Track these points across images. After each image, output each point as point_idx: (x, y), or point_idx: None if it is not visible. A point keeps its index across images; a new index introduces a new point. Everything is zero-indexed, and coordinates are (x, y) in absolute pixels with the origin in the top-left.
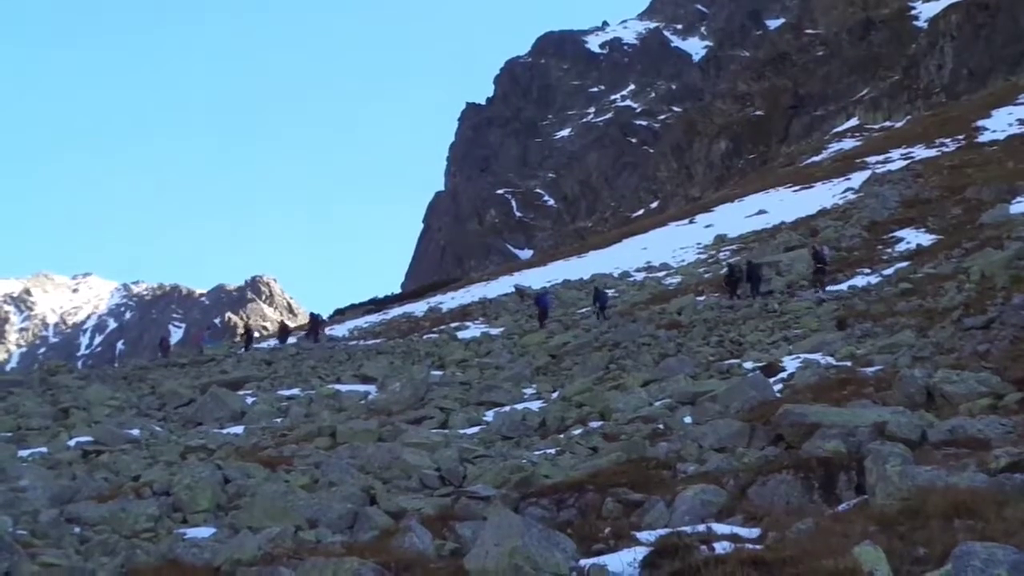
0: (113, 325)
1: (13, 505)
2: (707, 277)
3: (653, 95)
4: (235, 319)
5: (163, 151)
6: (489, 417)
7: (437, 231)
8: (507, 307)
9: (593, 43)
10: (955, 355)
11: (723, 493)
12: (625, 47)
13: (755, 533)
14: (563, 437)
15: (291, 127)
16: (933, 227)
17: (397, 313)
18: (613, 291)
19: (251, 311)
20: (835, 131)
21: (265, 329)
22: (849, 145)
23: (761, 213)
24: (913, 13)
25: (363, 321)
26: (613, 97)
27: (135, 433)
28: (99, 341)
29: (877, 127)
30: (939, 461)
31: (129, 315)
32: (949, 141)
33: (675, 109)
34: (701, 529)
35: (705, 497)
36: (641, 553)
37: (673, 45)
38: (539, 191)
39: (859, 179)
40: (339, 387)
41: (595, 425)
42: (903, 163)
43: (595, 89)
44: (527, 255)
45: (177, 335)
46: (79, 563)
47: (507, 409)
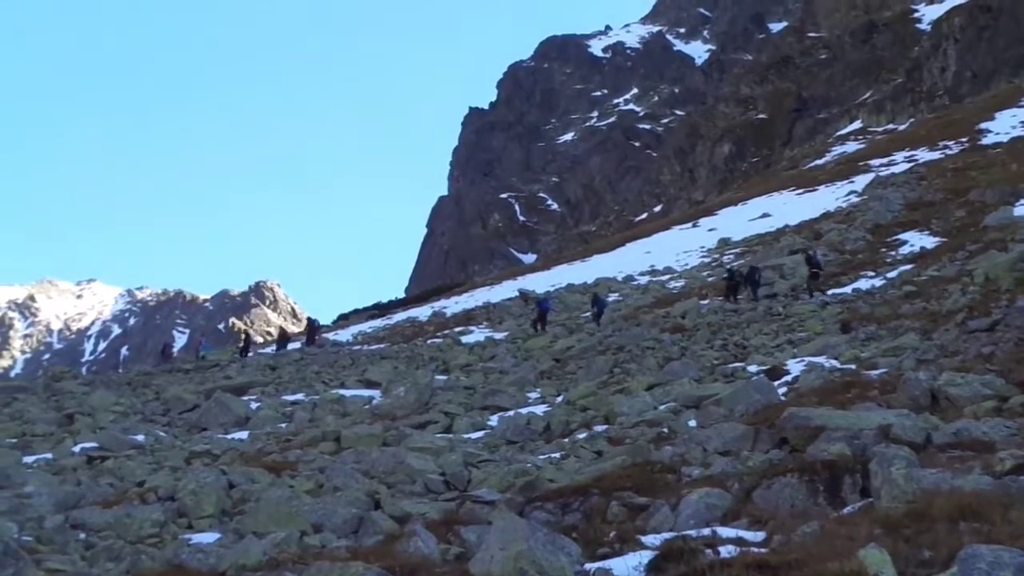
0: (117, 331)
1: (18, 511)
2: (711, 280)
3: (656, 99)
4: (239, 324)
5: (165, 153)
6: (493, 421)
7: (441, 235)
8: (511, 311)
9: (596, 47)
10: (959, 358)
11: (728, 496)
12: (628, 51)
13: (760, 536)
14: (567, 441)
15: (293, 129)
16: (937, 230)
17: (401, 318)
18: (617, 295)
19: (255, 316)
20: (838, 134)
21: (269, 335)
22: (852, 148)
23: (764, 216)
24: (916, 16)
25: (367, 326)
26: (616, 101)
27: (140, 439)
28: (103, 347)
29: (880, 130)
30: (944, 464)
31: (133, 321)
32: (952, 144)
33: (678, 113)
34: (706, 533)
35: (710, 501)
36: (646, 557)
37: (676, 49)
38: (542, 195)
39: (862, 182)
40: (343, 392)
41: (599, 429)
42: (907, 166)
43: (598, 93)
44: (531, 259)
45: (181, 340)
46: (84, 569)
47: (511, 413)
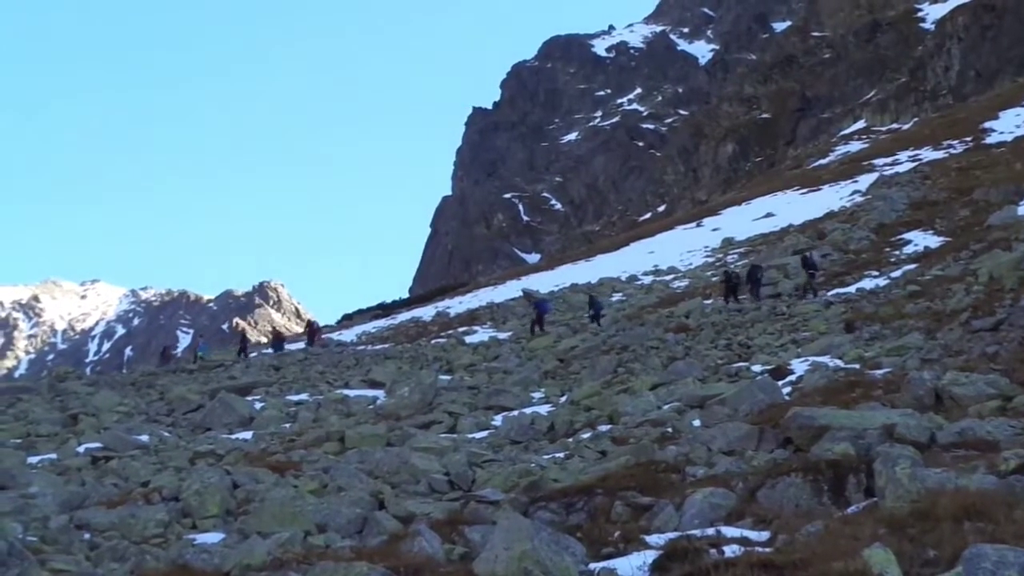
0: (121, 331)
1: (23, 511)
2: (715, 280)
3: (660, 98)
4: (243, 324)
5: (167, 153)
6: (498, 421)
7: (444, 235)
8: (515, 311)
9: (599, 47)
10: (964, 357)
11: (732, 496)
12: (631, 51)
13: (764, 536)
14: (572, 441)
15: (296, 131)
16: (941, 229)
17: (405, 318)
18: (621, 295)
19: (259, 317)
20: (842, 133)
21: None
22: (856, 147)
23: (768, 216)
24: (920, 15)
25: (371, 326)
26: (620, 101)
27: (144, 439)
28: (107, 347)
29: (884, 129)
30: (948, 463)
31: (137, 321)
32: (956, 143)
33: (682, 112)
34: (710, 532)
35: (714, 500)
36: (650, 557)
37: (679, 48)
38: (546, 195)
39: (866, 181)
40: (347, 392)
41: (604, 429)
42: (911, 165)
43: (602, 93)
44: (534, 259)
45: (185, 341)
46: (89, 569)
47: (515, 413)
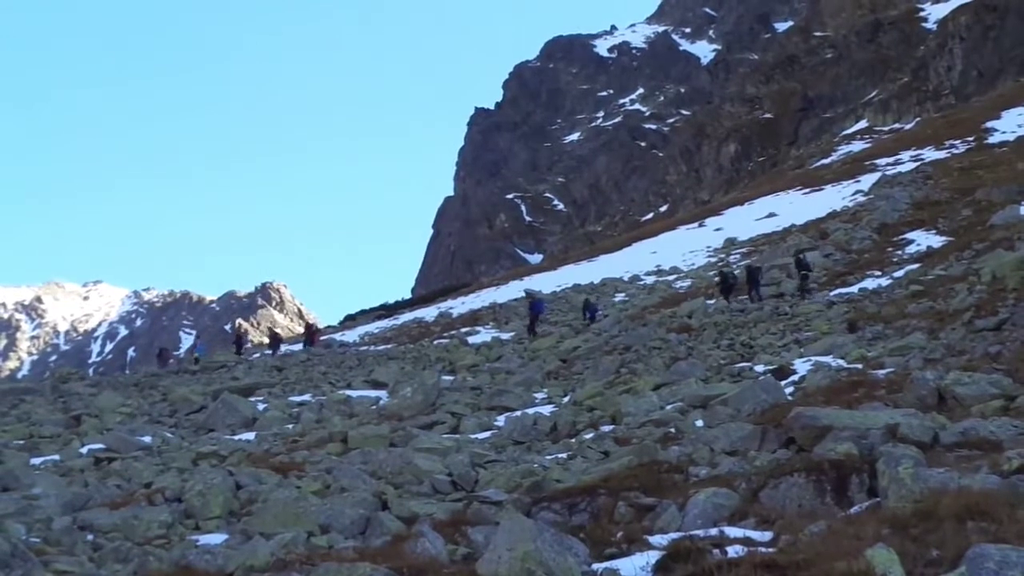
0: (124, 332)
1: (26, 513)
2: (717, 280)
3: (662, 99)
4: (245, 325)
5: (170, 153)
6: (500, 422)
7: (447, 236)
8: (517, 312)
9: (602, 47)
10: (966, 357)
11: (735, 496)
12: (634, 51)
13: (768, 536)
14: (574, 441)
15: (298, 131)
16: (943, 229)
17: (408, 318)
18: (623, 295)
19: (261, 317)
20: (844, 133)
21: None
22: (858, 147)
23: (771, 216)
24: (922, 15)
25: (374, 327)
26: (622, 101)
27: (147, 440)
28: (110, 348)
29: (886, 129)
30: (951, 463)
31: (140, 322)
32: (959, 142)
33: (684, 112)
34: (713, 533)
35: (717, 500)
36: (654, 557)
37: (682, 48)
38: (548, 195)
39: (869, 181)
40: (350, 393)
41: (606, 429)
42: (913, 165)
43: (604, 93)
44: (537, 259)
45: (187, 342)
46: (92, 570)
47: (518, 414)
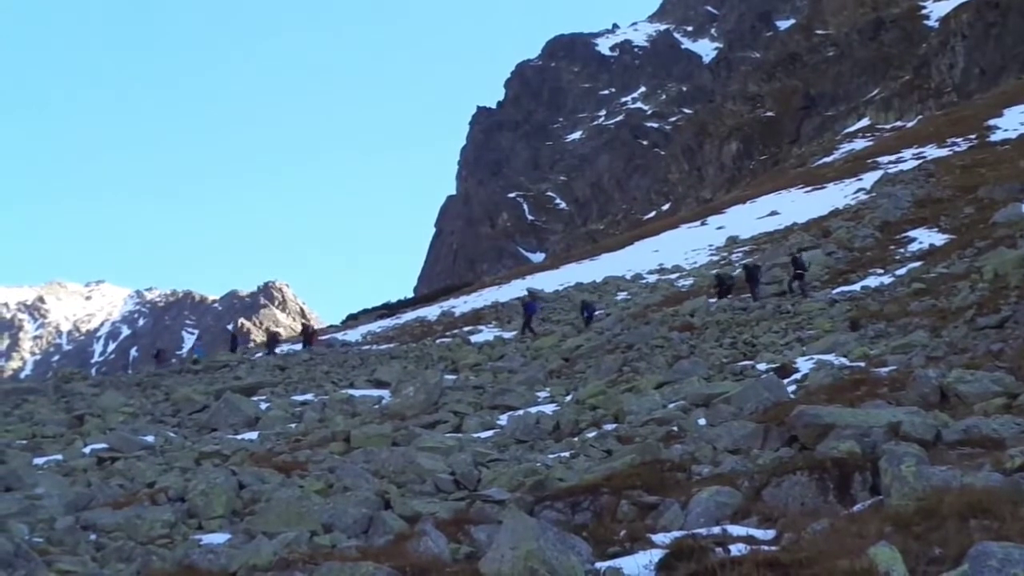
0: (126, 332)
1: (29, 513)
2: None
3: (664, 97)
4: (248, 325)
5: (171, 152)
6: (503, 421)
7: (449, 235)
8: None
9: (603, 46)
10: (969, 355)
11: (738, 495)
12: (635, 49)
13: (770, 534)
14: (577, 440)
15: (300, 131)
16: (945, 227)
17: (410, 317)
18: (625, 293)
19: (264, 317)
20: (846, 131)
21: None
22: (860, 145)
23: (773, 214)
24: (924, 12)
25: (376, 326)
26: (624, 99)
27: (150, 439)
28: (112, 348)
29: (888, 127)
30: (954, 461)
31: (142, 322)
32: (961, 140)
33: (686, 111)
34: (716, 531)
35: (720, 499)
36: (656, 555)
37: (683, 47)
38: (550, 194)
39: (871, 179)
40: (353, 392)
41: (609, 428)
42: (915, 163)
43: (606, 92)
44: (539, 258)
45: (190, 342)
46: (95, 570)
47: (521, 413)
